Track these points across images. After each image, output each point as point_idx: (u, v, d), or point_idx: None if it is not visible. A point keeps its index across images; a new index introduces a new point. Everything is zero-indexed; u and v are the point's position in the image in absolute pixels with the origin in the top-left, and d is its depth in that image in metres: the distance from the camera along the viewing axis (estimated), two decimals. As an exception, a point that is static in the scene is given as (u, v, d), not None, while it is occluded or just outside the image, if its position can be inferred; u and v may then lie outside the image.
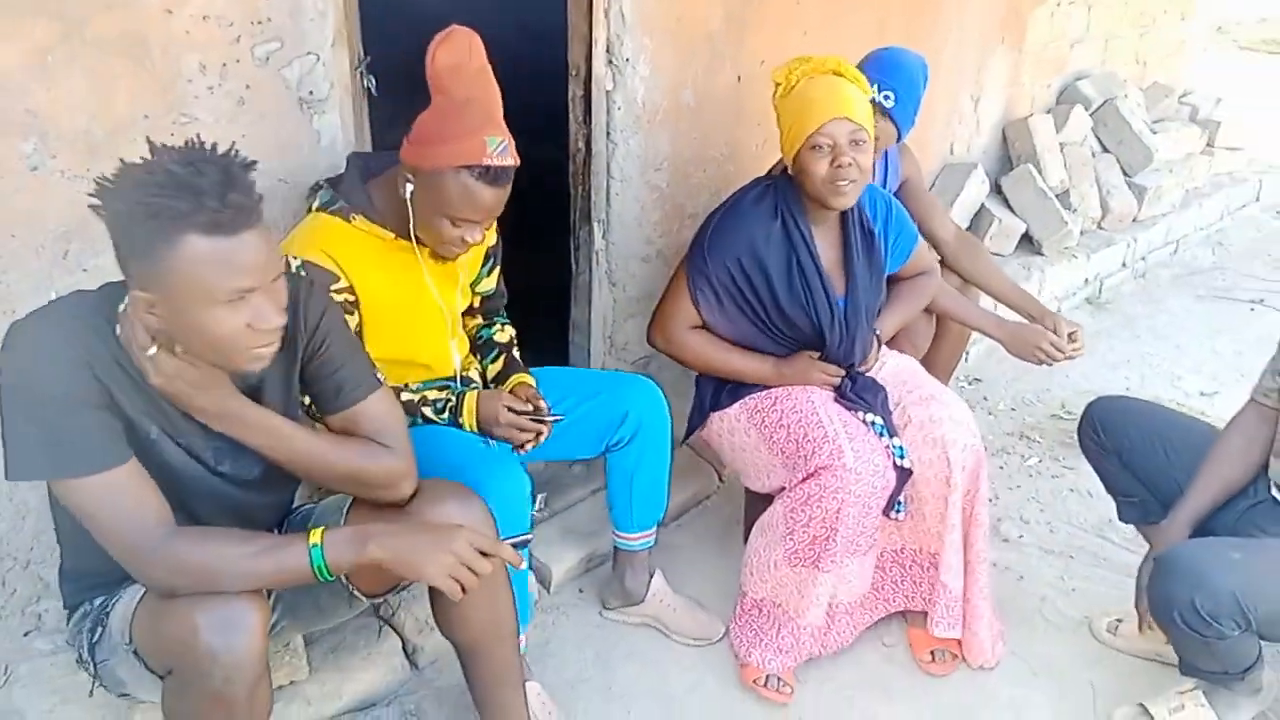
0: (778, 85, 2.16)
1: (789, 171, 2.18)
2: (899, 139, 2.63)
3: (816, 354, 2.24)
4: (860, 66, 2.60)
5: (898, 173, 2.89)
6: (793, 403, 2.19)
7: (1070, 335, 2.49)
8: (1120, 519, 2.36)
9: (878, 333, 2.36)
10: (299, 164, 2.09)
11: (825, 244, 2.23)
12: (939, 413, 2.18)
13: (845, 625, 2.22)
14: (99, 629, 1.57)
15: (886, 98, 2.52)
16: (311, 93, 2.05)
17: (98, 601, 1.60)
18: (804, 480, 2.10)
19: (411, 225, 1.82)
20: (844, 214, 2.21)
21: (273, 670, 1.92)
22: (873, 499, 2.07)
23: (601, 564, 2.47)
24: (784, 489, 2.16)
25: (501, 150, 1.74)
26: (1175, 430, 2.23)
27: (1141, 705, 2.08)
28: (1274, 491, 2.03)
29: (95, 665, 1.59)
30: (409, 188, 1.79)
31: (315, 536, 1.45)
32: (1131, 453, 2.24)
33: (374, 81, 2.26)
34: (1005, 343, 2.54)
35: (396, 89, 2.44)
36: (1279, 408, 2.04)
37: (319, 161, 2.10)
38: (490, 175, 1.74)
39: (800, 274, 2.17)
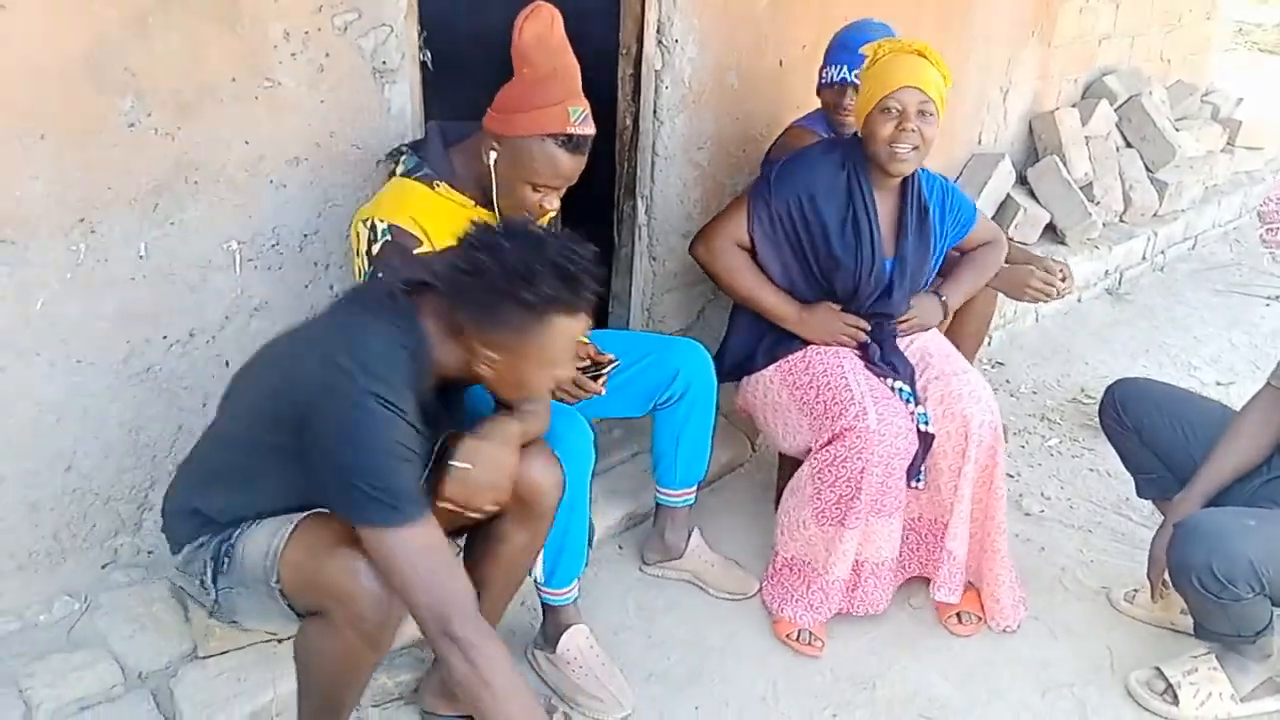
0: (866, 57, 2.27)
1: (859, 135, 2.29)
2: None
3: (839, 306, 2.35)
4: (833, 44, 2.70)
5: None
6: (823, 366, 2.30)
7: (1060, 274, 2.64)
8: (1139, 495, 2.46)
9: (944, 299, 2.46)
10: (370, 131, 2.19)
11: (883, 208, 2.33)
12: (961, 388, 2.27)
13: (874, 588, 2.31)
14: (225, 561, 1.63)
15: (858, 75, 2.64)
16: (385, 63, 2.15)
17: (215, 539, 1.65)
18: (829, 442, 2.21)
19: (494, 192, 1.93)
20: (903, 185, 2.32)
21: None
22: (895, 460, 2.17)
23: (640, 523, 2.58)
24: (810, 450, 2.28)
25: (583, 119, 1.84)
26: (1193, 410, 2.33)
27: (1157, 668, 2.19)
28: (1288, 469, 2.14)
29: (216, 593, 1.65)
30: (493, 155, 1.88)
31: None
32: (1151, 431, 2.34)
33: (430, 56, 2.37)
34: (1001, 287, 2.68)
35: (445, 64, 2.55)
36: (1293, 391, 2.15)
37: (389, 129, 2.21)
38: (572, 143, 1.84)
39: (854, 226, 2.27)
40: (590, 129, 1.87)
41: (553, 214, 1.99)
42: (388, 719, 2.00)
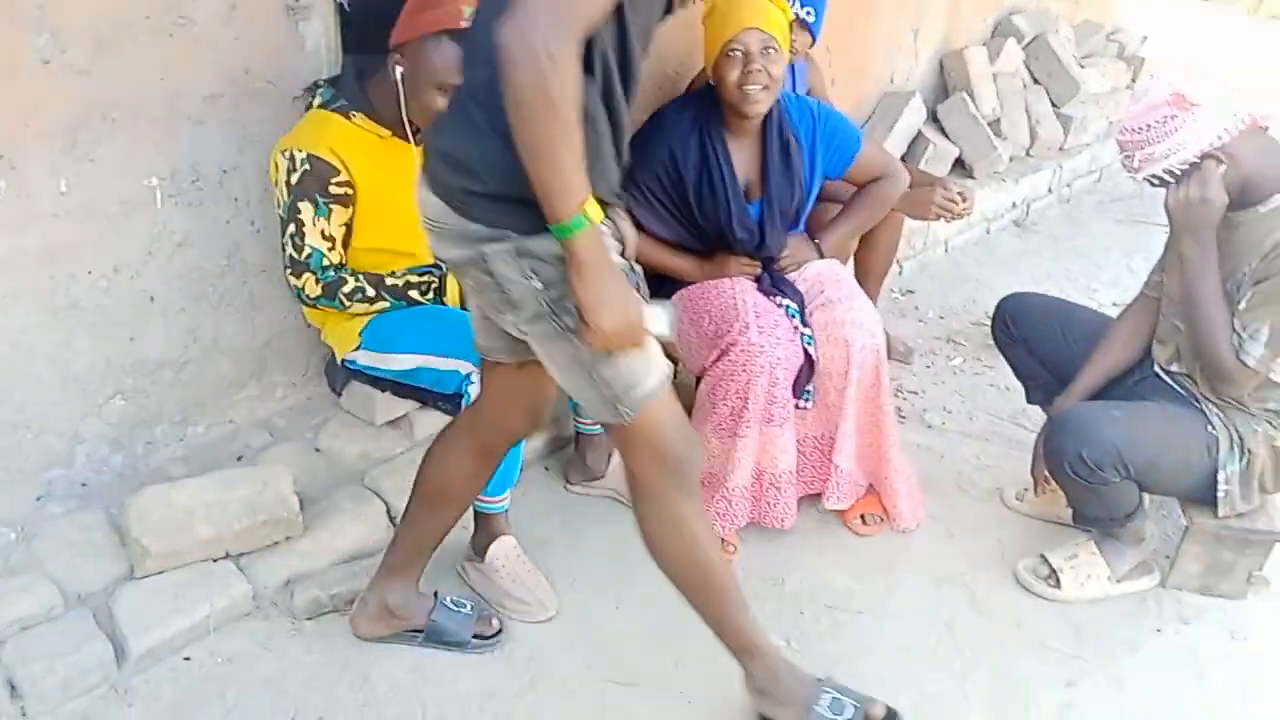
0: (706, 4, 2.35)
1: (710, 83, 2.38)
2: (812, 45, 2.90)
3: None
4: None
5: (805, 84, 3.11)
6: (717, 291, 2.43)
7: (960, 194, 2.77)
8: (1028, 400, 2.65)
9: (818, 242, 2.57)
10: (284, 67, 2.24)
11: (744, 154, 2.42)
12: (843, 315, 2.39)
13: (777, 500, 2.42)
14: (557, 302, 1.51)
15: (809, 13, 2.78)
16: (298, 0, 2.20)
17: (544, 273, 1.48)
18: (718, 359, 2.34)
19: (403, 107, 2.00)
20: (763, 124, 2.40)
21: (270, 529, 2.13)
22: (779, 369, 2.29)
23: (565, 446, 2.70)
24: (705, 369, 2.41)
25: None
26: (1074, 319, 2.52)
27: (1042, 555, 2.37)
28: (1156, 369, 2.33)
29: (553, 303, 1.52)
30: (399, 69, 1.97)
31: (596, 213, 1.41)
32: (1036, 340, 2.52)
33: (346, -3, 2.42)
34: (906, 208, 2.80)
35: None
36: (1160, 298, 2.33)
37: (303, 65, 2.27)
38: None
39: (709, 183, 2.38)
40: None
41: None
42: (322, 630, 2.09)
